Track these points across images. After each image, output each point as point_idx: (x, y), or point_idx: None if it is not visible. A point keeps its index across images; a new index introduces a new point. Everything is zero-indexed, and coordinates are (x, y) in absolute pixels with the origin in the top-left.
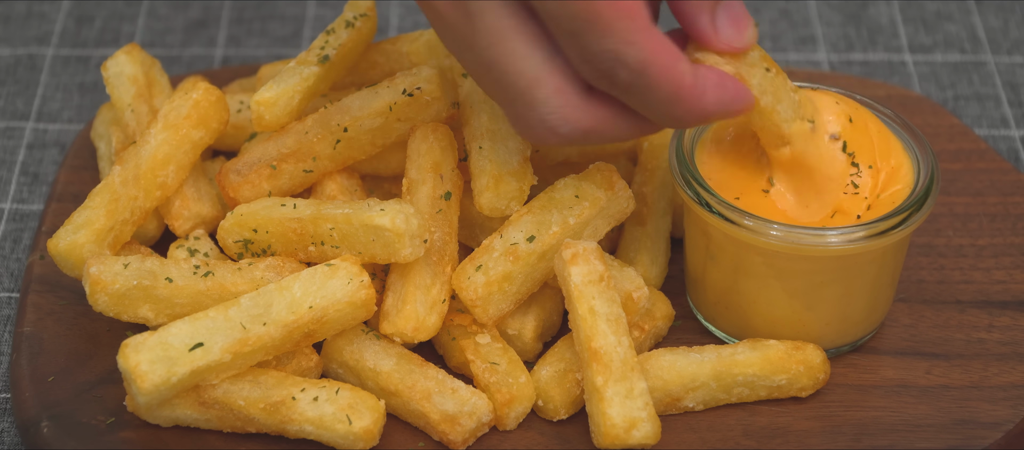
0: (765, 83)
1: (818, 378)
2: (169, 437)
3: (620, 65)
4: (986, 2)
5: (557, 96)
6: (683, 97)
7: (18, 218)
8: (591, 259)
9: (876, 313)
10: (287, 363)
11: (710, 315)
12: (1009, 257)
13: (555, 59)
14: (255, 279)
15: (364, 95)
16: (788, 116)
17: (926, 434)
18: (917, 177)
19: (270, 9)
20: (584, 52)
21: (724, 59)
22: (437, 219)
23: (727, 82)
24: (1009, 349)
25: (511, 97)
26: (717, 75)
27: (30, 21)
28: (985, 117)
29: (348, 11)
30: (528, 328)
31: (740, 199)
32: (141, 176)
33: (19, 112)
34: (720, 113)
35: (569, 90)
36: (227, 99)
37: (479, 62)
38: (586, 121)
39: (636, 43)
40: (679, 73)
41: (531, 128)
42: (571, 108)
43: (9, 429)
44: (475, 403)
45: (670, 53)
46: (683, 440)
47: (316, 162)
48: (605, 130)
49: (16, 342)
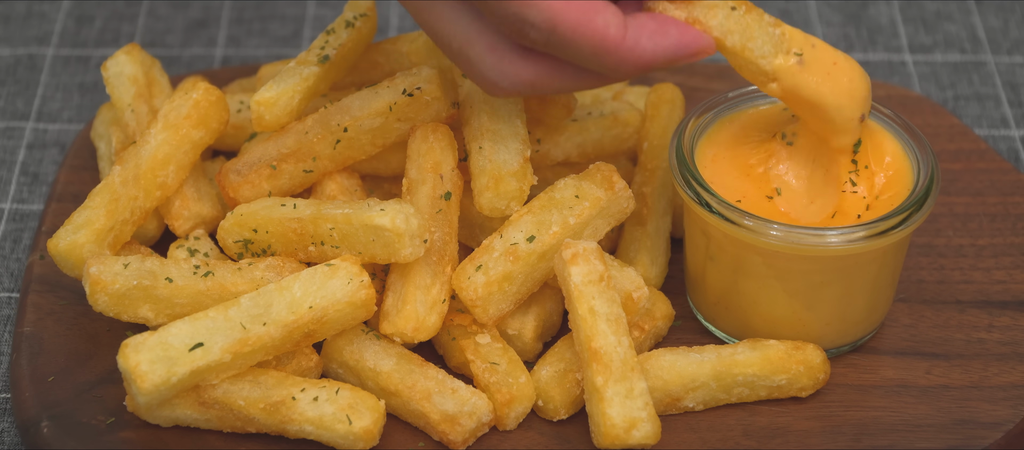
0: (729, 23)
1: (818, 378)
2: (169, 437)
3: (527, 26)
4: (986, 2)
5: (490, 53)
6: (609, 49)
7: (18, 218)
8: (591, 259)
9: (876, 313)
10: (287, 363)
11: (710, 315)
12: (1009, 257)
13: (483, 18)
14: (255, 279)
15: (364, 95)
16: (765, 51)
17: (926, 434)
18: (917, 177)
19: (270, 9)
20: (495, 15)
21: (675, 4)
22: (437, 219)
23: (670, 28)
24: (1009, 349)
25: (452, 56)
26: (656, 23)
27: (30, 21)
28: (985, 117)
29: (348, 11)
30: (528, 328)
31: (742, 201)
32: (141, 176)
33: (19, 112)
34: (664, 60)
35: (502, 46)
36: (227, 99)
37: (424, 29)
38: (525, 74)
39: (537, 5)
40: (596, 27)
41: (478, 82)
42: (507, 63)
43: (9, 429)
44: (475, 403)
45: (582, 9)
46: (683, 440)
47: (316, 162)
48: (549, 82)
49: (16, 342)
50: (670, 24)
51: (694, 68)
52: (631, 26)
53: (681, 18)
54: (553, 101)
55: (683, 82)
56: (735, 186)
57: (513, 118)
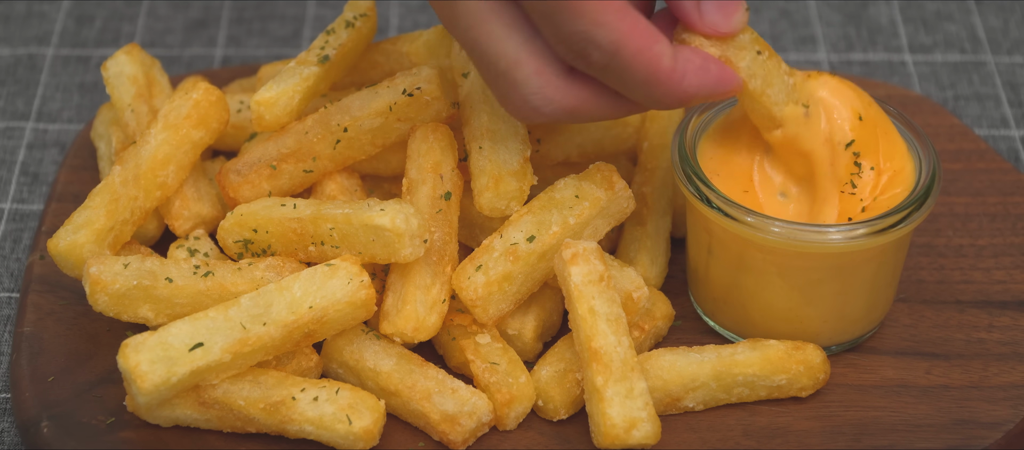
0: (755, 67)
1: (818, 378)
2: (169, 437)
3: (592, 46)
4: (986, 2)
5: (537, 77)
6: (660, 79)
7: (18, 218)
8: (591, 259)
9: (876, 312)
10: (287, 363)
11: (711, 311)
12: (1009, 257)
13: (534, 40)
14: (255, 279)
15: (364, 95)
16: (779, 99)
17: (926, 434)
18: (919, 176)
19: (270, 9)
20: (557, 33)
21: (710, 42)
22: (437, 219)
23: (711, 65)
24: (1009, 349)
25: (494, 77)
26: (701, 58)
27: (30, 21)
28: (985, 117)
29: (348, 11)
30: (528, 328)
31: (747, 192)
32: (141, 176)
33: (19, 112)
34: (703, 96)
35: (549, 71)
36: (227, 99)
37: (463, 43)
38: (568, 101)
39: (607, 24)
40: (654, 55)
41: (516, 107)
42: (552, 88)
43: (9, 429)
44: (475, 403)
45: (645, 35)
46: (683, 440)
47: (316, 162)
48: (588, 109)
49: (16, 342)
50: (712, 62)
51: None
52: (679, 59)
53: (716, 56)
54: None
55: None
56: (736, 183)
57: (513, 118)
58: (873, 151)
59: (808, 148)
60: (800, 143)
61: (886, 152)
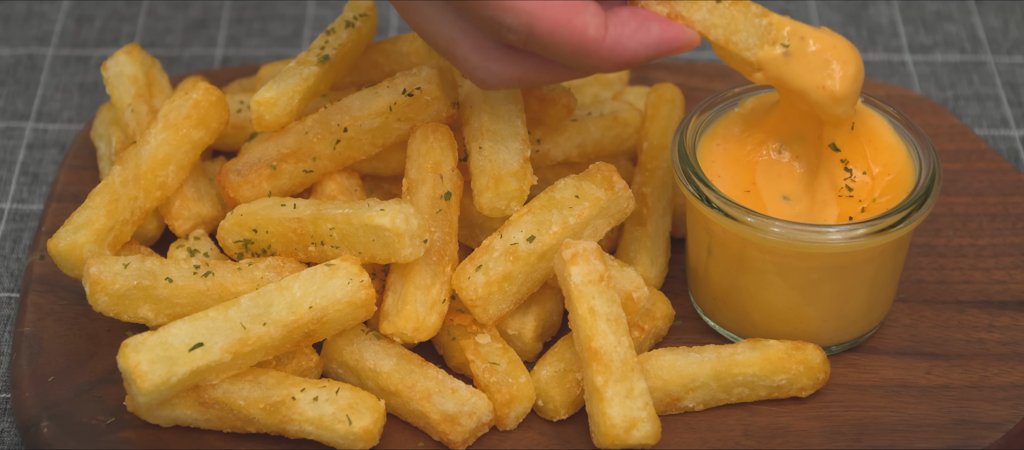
0: (713, 17)
1: (818, 378)
2: (169, 437)
3: (504, 29)
4: (986, 2)
5: (476, 52)
6: (590, 49)
7: (18, 218)
8: (591, 259)
9: (876, 311)
10: (287, 363)
11: (710, 310)
12: (1009, 257)
13: (469, 19)
14: (255, 279)
15: (364, 95)
16: (750, 43)
17: (926, 434)
18: (918, 176)
19: (270, 9)
20: (474, 19)
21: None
22: (437, 219)
23: (651, 25)
24: (1009, 349)
25: (441, 54)
26: (638, 20)
27: (30, 21)
28: (985, 117)
29: (348, 11)
30: (528, 328)
31: (748, 193)
32: (141, 176)
33: (19, 112)
34: (646, 56)
35: (487, 45)
36: (227, 99)
37: (413, 29)
38: (512, 71)
39: (514, 8)
40: (575, 28)
41: (469, 77)
42: (493, 61)
43: (9, 429)
44: (475, 403)
45: (560, 9)
46: (683, 440)
47: (316, 162)
48: (536, 76)
49: (16, 342)
50: (652, 20)
51: (694, 68)
52: (612, 24)
53: (663, 14)
54: (553, 101)
55: (683, 82)
56: (737, 183)
57: (513, 118)
58: (861, 157)
59: (799, 86)
60: (787, 82)
61: (881, 158)
